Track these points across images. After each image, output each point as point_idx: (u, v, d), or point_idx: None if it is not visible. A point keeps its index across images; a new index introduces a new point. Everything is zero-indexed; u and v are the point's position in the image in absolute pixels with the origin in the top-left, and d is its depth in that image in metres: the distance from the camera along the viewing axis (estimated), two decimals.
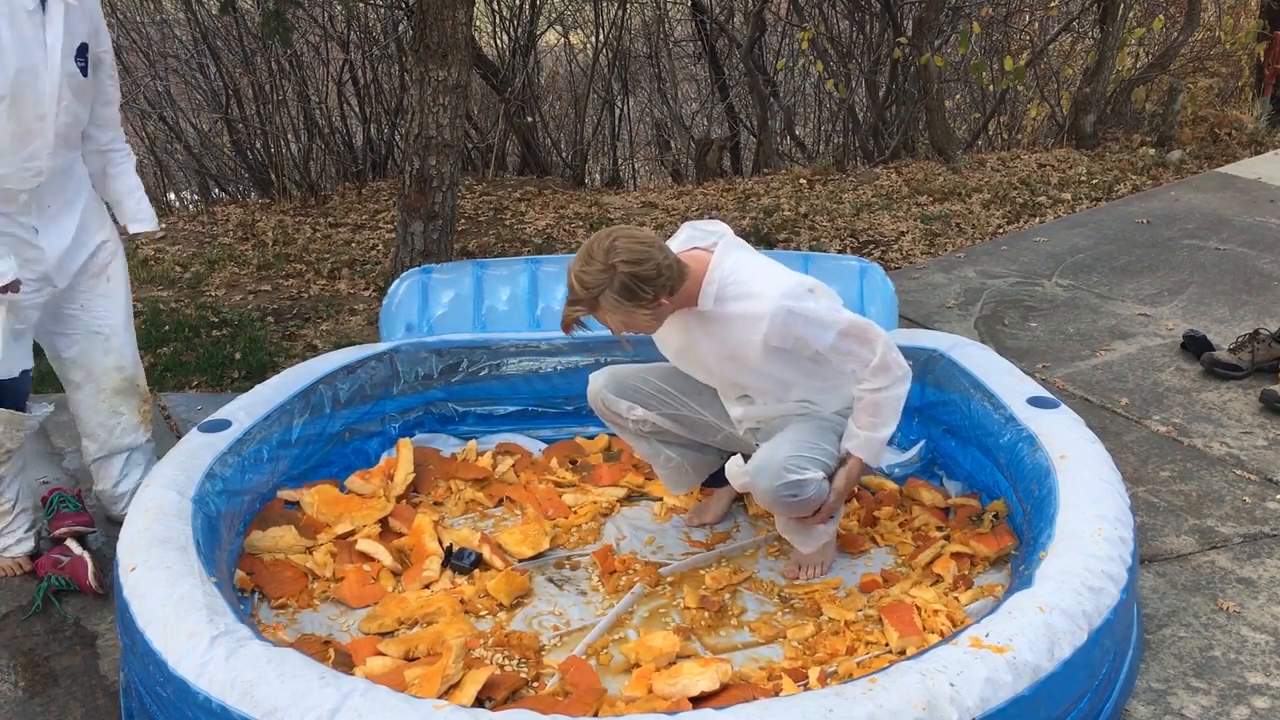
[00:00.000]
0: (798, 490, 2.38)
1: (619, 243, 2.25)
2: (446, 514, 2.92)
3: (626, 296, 2.26)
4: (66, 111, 2.43)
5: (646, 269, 2.25)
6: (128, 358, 2.79)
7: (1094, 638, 1.99)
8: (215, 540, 2.40)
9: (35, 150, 2.39)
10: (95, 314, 2.70)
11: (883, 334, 2.40)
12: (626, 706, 2.12)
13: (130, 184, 2.75)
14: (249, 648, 1.90)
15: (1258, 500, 3.02)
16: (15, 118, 2.33)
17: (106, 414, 2.79)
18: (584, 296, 2.27)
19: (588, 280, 2.25)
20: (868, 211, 6.13)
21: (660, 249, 2.29)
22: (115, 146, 2.71)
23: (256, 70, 7.24)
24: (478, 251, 5.48)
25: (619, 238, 2.26)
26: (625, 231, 2.29)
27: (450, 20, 4.23)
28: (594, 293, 2.26)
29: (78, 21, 2.41)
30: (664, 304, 2.32)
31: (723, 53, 9.16)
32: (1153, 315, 4.40)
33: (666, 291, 2.30)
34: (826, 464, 2.46)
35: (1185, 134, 7.51)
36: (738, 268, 2.37)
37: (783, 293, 2.31)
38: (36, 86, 2.34)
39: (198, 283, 5.06)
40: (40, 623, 2.54)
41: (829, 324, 2.34)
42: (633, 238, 2.27)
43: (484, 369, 3.28)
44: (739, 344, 2.40)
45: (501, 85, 7.89)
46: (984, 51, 8.77)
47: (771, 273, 2.38)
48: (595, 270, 2.24)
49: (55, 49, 2.35)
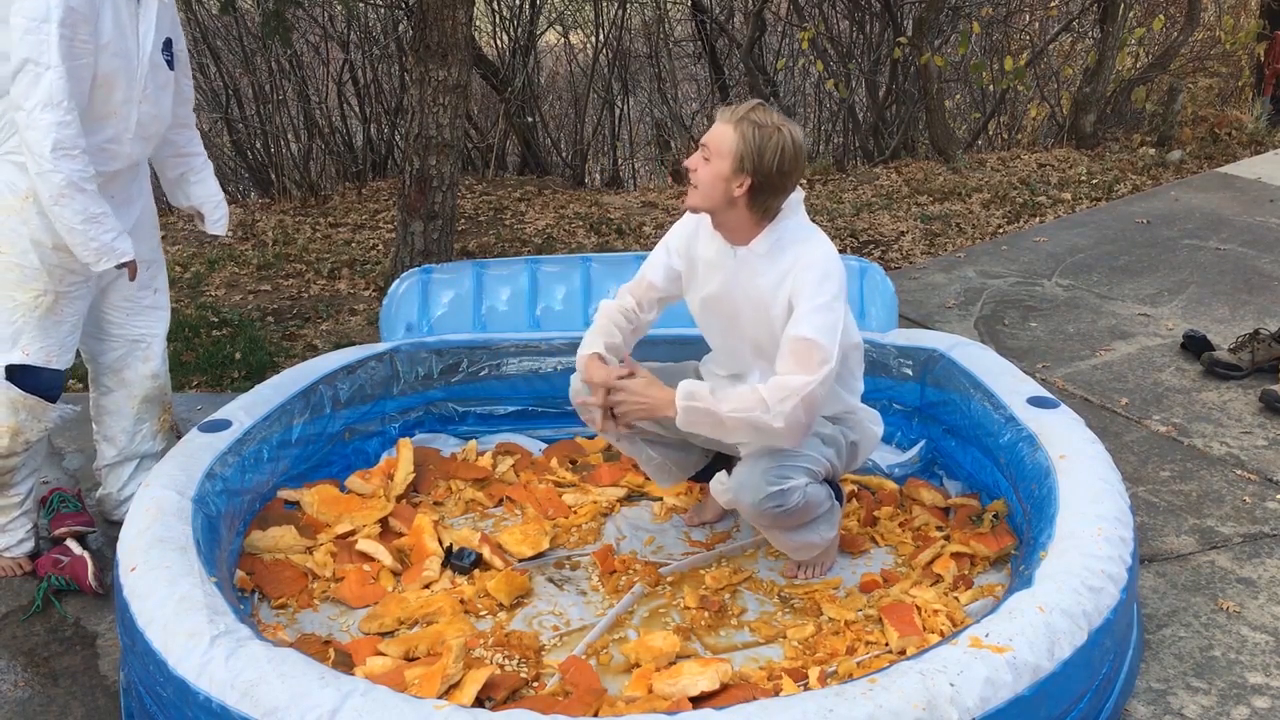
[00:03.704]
0: (781, 500, 2.34)
1: (801, 137, 2.27)
2: (446, 514, 2.92)
3: (758, 145, 2.23)
4: (149, 100, 2.51)
5: (790, 161, 2.25)
6: (162, 367, 2.84)
7: (1094, 638, 1.99)
8: (215, 540, 2.40)
9: (118, 134, 2.47)
10: (140, 324, 2.77)
11: (815, 389, 2.24)
12: (626, 706, 2.12)
13: (212, 190, 2.85)
14: (249, 648, 1.90)
15: (1258, 500, 3.02)
16: (105, 99, 2.40)
17: (132, 420, 2.82)
18: (734, 113, 2.27)
19: (758, 113, 2.25)
20: (868, 211, 6.13)
21: (797, 179, 2.32)
22: (194, 150, 2.80)
23: (256, 70, 7.24)
24: (478, 251, 5.48)
25: (799, 131, 2.28)
26: None
27: (450, 20, 4.23)
28: (749, 117, 2.24)
29: (166, 17, 2.52)
30: (741, 194, 2.28)
31: (723, 53, 9.17)
32: (1153, 315, 4.40)
33: (756, 191, 2.28)
34: (811, 470, 2.40)
35: (1185, 134, 7.51)
36: (801, 227, 2.37)
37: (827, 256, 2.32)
38: (128, 71, 2.43)
39: (198, 282, 5.05)
40: (40, 623, 2.54)
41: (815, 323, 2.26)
42: (803, 152, 2.30)
43: (484, 369, 3.28)
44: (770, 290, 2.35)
45: (501, 85, 7.89)
46: (984, 51, 8.78)
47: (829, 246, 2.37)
48: (770, 117, 2.25)
49: (147, 38, 2.46)
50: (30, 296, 2.47)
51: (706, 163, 2.30)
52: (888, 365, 3.19)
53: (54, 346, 2.53)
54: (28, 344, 2.49)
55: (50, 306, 2.50)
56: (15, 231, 2.43)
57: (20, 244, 2.43)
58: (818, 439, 2.46)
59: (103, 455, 2.87)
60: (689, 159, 2.35)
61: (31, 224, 2.43)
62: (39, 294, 2.47)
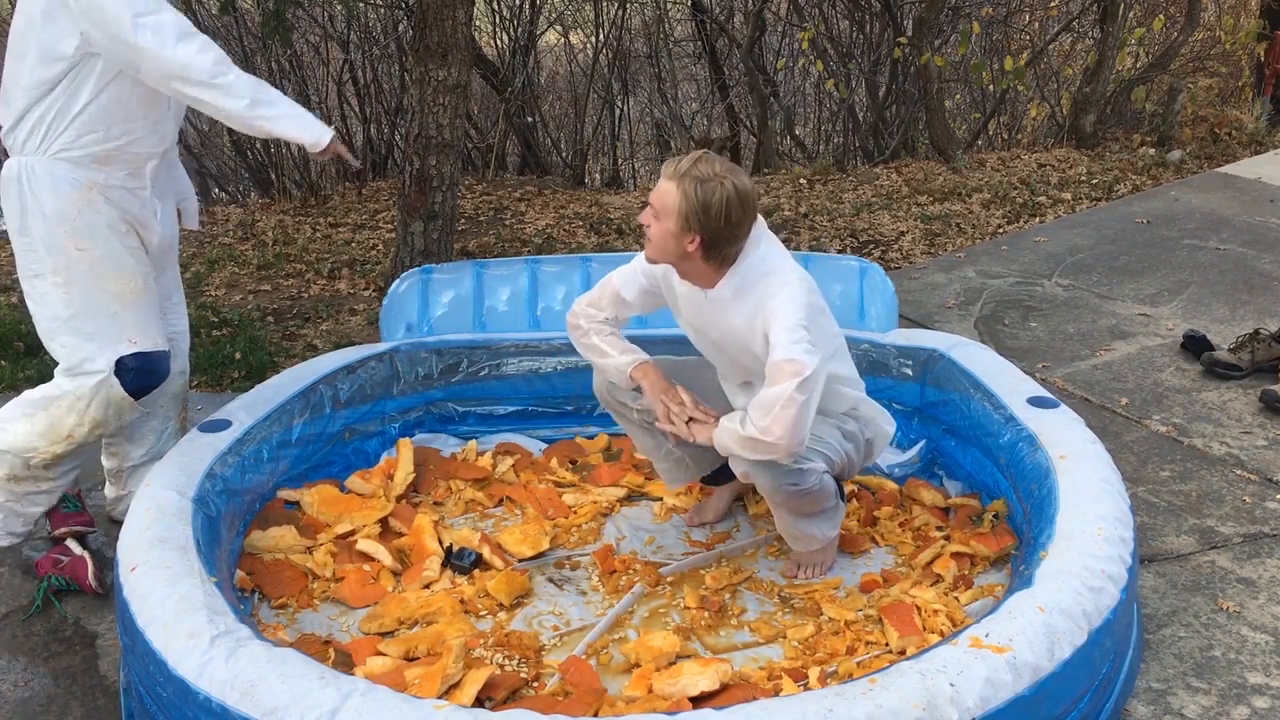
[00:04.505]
0: (798, 480, 2.37)
1: (745, 182, 2.26)
2: (446, 514, 2.92)
3: (701, 203, 2.23)
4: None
5: (735, 214, 2.24)
6: (188, 363, 2.85)
7: (1094, 638, 1.99)
8: (215, 540, 2.40)
9: (163, 112, 2.48)
10: (171, 320, 2.76)
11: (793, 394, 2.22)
12: (626, 706, 2.12)
13: (187, 181, 2.82)
14: (249, 648, 1.90)
15: (1258, 500, 3.02)
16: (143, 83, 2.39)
17: (161, 419, 2.83)
18: (677, 169, 2.26)
19: (699, 167, 2.24)
20: (868, 211, 6.13)
21: (750, 225, 2.31)
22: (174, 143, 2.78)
23: (256, 70, 7.23)
24: (478, 251, 5.48)
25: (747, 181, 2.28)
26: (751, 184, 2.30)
27: (450, 20, 4.23)
28: (691, 173, 2.24)
29: None
30: (693, 251, 2.29)
31: (723, 53, 9.16)
32: (1153, 315, 4.40)
33: (708, 246, 2.28)
34: (829, 457, 2.45)
35: (1185, 134, 7.51)
36: (764, 260, 2.36)
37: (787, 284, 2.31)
38: None
39: (198, 282, 5.05)
40: (40, 623, 2.54)
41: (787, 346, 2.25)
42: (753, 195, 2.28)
43: (484, 369, 3.29)
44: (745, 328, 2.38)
45: (501, 85, 7.89)
46: (984, 51, 8.77)
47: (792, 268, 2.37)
48: (713, 168, 2.24)
49: None
50: (123, 284, 2.47)
51: (657, 220, 2.31)
52: (888, 365, 3.19)
53: (154, 328, 2.55)
54: (133, 332, 2.50)
55: (141, 289, 2.51)
56: (92, 224, 2.42)
57: (100, 233, 2.43)
58: (839, 431, 2.49)
59: (128, 457, 2.84)
60: (642, 214, 2.36)
61: (104, 212, 2.43)
62: (130, 278, 2.48)
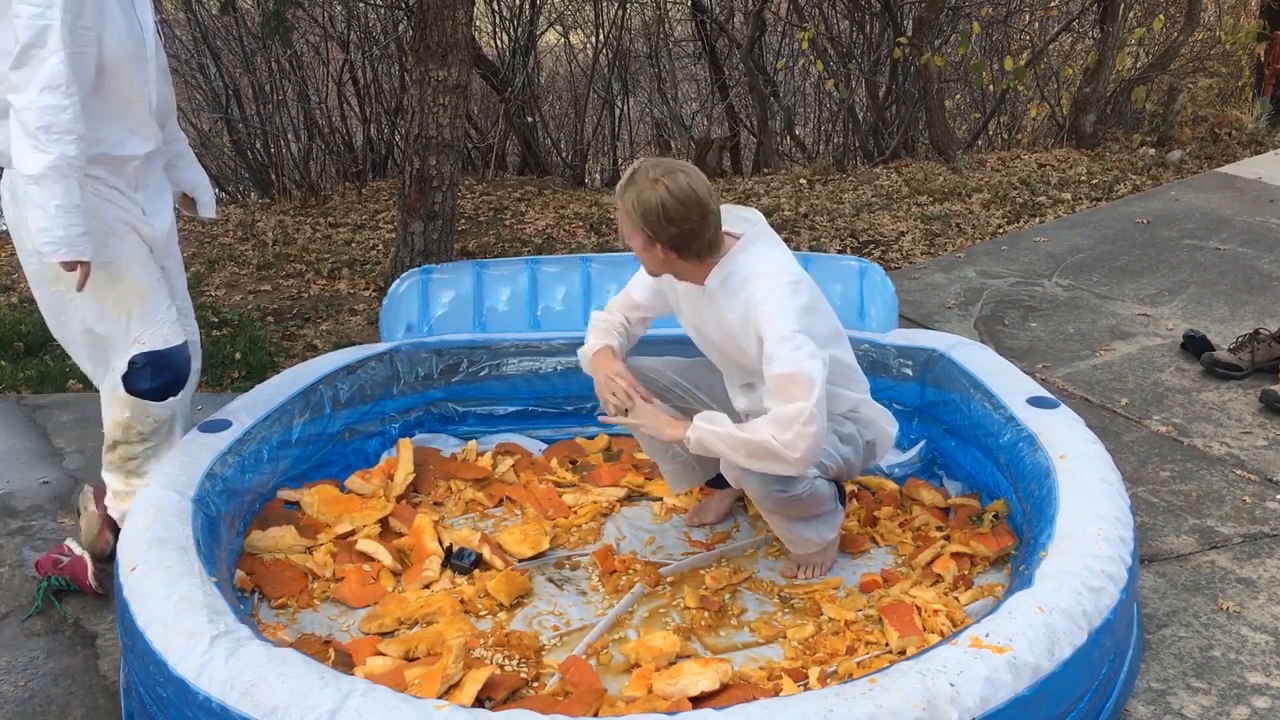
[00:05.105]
0: (786, 486, 2.37)
1: (684, 177, 2.26)
2: (446, 514, 2.92)
3: (641, 214, 2.27)
4: (161, 79, 2.54)
5: (677, 212, 2.25)
6: (201, 360, 2.84)
7: (1094, 638, 1.99)
8: (215, 540, 2.40)
9: (142, 117, 2.47)
10: (187, 324, 2.75)
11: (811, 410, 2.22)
12: (626, 706, 2.12)
13: (199, 172, 2.84)
14: (249, 648, 1.90)
15: (1258, 500, 3.02)
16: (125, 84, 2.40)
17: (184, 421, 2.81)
18: (618, 188, 2.31)
19: (635, 178, 2.28)
20: (868, 211, 6.13)
21: (708, 214, 2.30)
22: (179, 135, 2.79)
23: (256, 70, 7.24)
24: (478, 251, 5.48)
25: (691, 174, 2.28)
26: (700, 177, 2.29)
27: (450, 20, 4.24)
28: (626, 188, 2.28)
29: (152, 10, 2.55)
30: (667, 256, 2.33)
31: (723, 53, 9.17)
32: (1153, 315, 4.40)
33: (676, 247, 2.31)
34: (823, 463, 2.45)
35: (1185, 134, 7.51)
36: (755, 259, 2.37)
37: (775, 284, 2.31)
38: (140, 53, 2.43)
39: (198, 282, 5.05)
40: (40, 623, 2.53)
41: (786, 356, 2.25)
42: (699, 186, 2.27)
43: (484, 369, 3.29)
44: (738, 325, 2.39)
45: (501, 85, 7.89)
46: (984, 51, 8.77)
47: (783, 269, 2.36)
48: (648, 177, 2.26)
49: (147, 16, 2.47)
50: (123, 288, 2.47)
51: (629, 240, 2.37)
52: (888, 365, 3.19)
53: (165, 325, 2.54)
54: (140, 332, 2.50)
55: (144, 290, 2.50)
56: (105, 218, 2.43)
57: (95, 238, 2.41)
58: (835, 436, 2.49)
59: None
60: None
61: (116, 202, 2.45)
62: (130, 280, 2.48)
